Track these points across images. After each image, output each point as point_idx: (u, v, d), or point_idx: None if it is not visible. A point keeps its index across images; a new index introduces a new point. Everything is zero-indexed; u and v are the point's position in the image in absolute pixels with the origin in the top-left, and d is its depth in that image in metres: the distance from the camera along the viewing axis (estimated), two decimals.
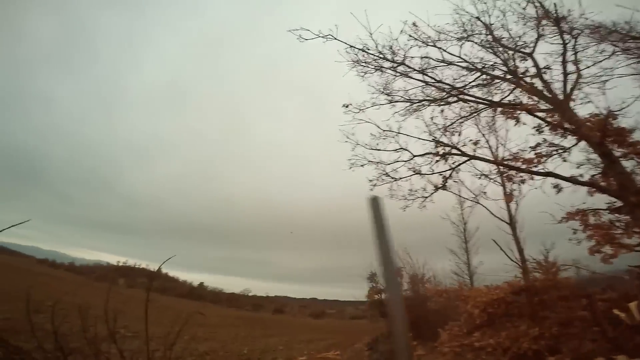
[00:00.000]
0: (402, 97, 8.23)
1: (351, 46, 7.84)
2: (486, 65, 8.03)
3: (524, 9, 7.39)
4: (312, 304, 55.51)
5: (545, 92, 7.14)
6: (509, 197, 8.56)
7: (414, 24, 7.74)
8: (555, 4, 6.79)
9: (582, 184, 6.58)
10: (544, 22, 7.23)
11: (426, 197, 8.24)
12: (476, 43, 8.01)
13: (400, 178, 8.18)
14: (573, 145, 6.96)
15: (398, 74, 8.08)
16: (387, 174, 8.15)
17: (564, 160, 7.01)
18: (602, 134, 5.97)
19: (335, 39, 7.67)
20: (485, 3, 7.64)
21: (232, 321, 26.53)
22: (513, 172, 7.28)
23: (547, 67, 7.37)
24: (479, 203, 10.92)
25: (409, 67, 7.94)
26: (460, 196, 13.72)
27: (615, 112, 6.17)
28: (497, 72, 8.06)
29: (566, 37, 7.01)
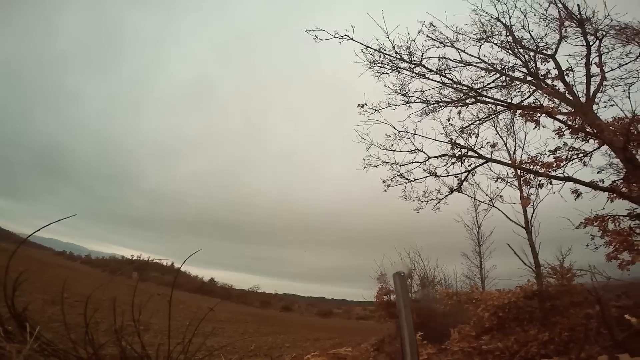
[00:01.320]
0: (418, 97, 8.14)
1: (367, 47, 7.77)
2: (506, 67, 7.86)
3: (546, 10, 7.18)
4: (319, 302, 55.66)
5: (567, 95, 6.93)
6: (526, 200, 8.37)
7: (431, 24, 7.62)
8: (578, 5, 6.55)
9: (603, 189, 6.39)
10: (566, 23, 6.98)
11: (440, 199, 8.17)
12: (495, 44, 7.84)
13: (415, 179, 8.11)
14: (594, 150, 6.77)
15: (415, 75, 7.98)
16: (401, 175, 8.09)
17: (585, 165, 6.83)
18: (626, 138, 5.78)
19: (351, 39, 7.59)
20: (505, 4, 7.45)
21: (240, 317, 26.85)
22: (531, 176, 7.10)
23: (570, 69, 7.15)
24: (494, 206, 10.73)
25: (426, 68, 7.82)
26: (475, 199, 13.56)
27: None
28: (517, 74, 7.88)
29: (590, 38, 6.76)
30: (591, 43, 6.79)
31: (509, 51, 7.79)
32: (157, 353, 2.38)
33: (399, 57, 7.76)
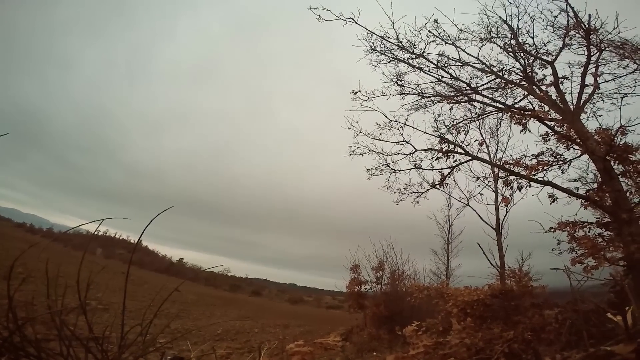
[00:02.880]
0: (414, 89, 8.12)
1: (371, 32, 7.65)
2: (503, 69, 7.93)
3: (555, 17, 7.22)
4: (290, 289, 56.09)
5: (558, 102, 7.08)
6: (505, 199, 8.66)
7: (436, 21, 7.57)
8: (590, 15, 6.59)
9: (578, 196, 6.62)
10: (572, 32, 7.07)
11: (422, 193, 8.23)
12: (498, 45, 7.91)
13: (400, 170, 8.12)
14: (575, 158, 6.99)
15: (412, 68, 7.94)
16: (387, 165, 8.08)
17: (562, 172, 7.05)
18: (608, 147, 5.96)
19: (356, 22, 7.44)
20: (517, 7, 7.46)
21: (208, 300, 26.48)
22: (512, 177, 7.28)
23: (566, 77, 7.30)
24: (468, 205, 11.01)
25: (428, 60, 7.80)
26: (450, 196, 13.87)
27: (626, 127, 6.16)
28: (512, 77, 7.97)
29: (592, 49, 6.86)
30: (592, 54, 6.89)
31: (510, 54, 7.87)
32: (104, 333, 2.11)
33: (401, 46, 7.71)
